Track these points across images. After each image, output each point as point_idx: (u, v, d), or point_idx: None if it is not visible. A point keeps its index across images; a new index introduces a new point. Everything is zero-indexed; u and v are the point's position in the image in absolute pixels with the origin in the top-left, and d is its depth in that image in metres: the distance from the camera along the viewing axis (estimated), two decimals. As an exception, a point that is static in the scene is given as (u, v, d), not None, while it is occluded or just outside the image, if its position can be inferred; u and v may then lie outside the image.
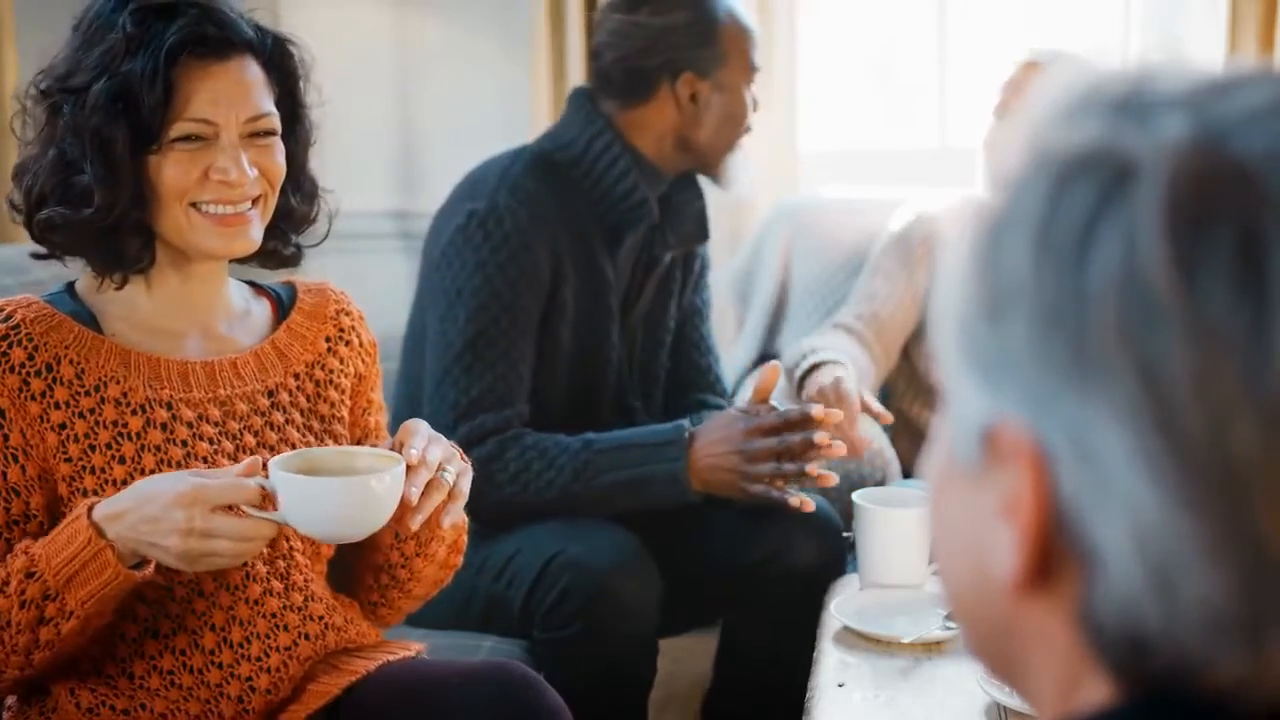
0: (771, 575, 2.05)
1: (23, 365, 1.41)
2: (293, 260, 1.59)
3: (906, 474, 2.44)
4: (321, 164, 1.60)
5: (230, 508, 1.31)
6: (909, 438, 2.52)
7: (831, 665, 1.58)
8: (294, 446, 1.50)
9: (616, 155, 2.10)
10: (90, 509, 1.34)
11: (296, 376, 1.55)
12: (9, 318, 1.43)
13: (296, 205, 1.56)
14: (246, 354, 1.53)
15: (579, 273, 2.10)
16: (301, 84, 1.54)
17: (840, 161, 3.29)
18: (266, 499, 1.33)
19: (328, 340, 1.59)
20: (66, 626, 1.34)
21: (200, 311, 1.53)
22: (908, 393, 2.51)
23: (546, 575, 1.90)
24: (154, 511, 1.31)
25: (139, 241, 1.45)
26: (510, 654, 1.90)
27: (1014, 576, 0.56)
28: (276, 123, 1.49)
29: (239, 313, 1.56)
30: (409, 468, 1.38)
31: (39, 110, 1.45)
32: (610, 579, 1.89)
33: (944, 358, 0.59)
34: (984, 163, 2.35)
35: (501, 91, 3.10)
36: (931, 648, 1.60)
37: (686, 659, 2.75)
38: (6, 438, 1.40)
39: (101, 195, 1.40)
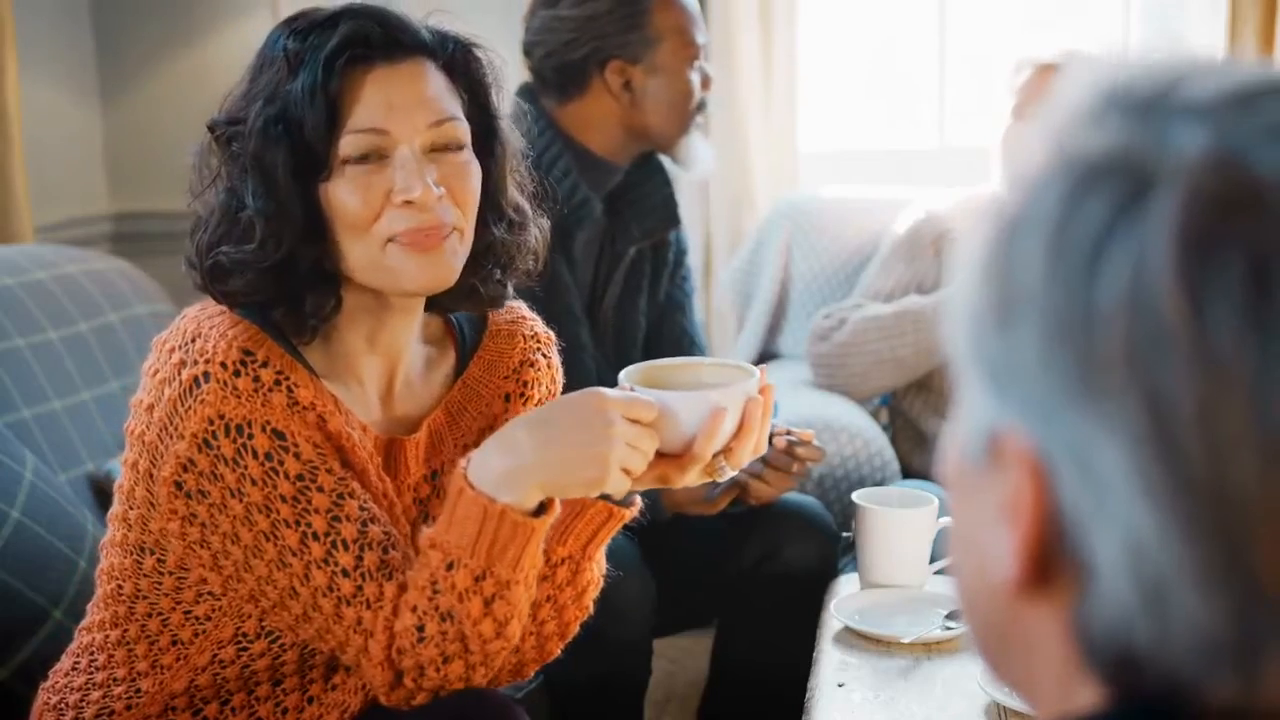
0: (765, 575, 2.05)
1: (313, 403, 1.26)
2: (498, 301, 1.41)
3: (906, 474, 2.43)
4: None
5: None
6: (909, 438, 2.51)
7: (831, 665, 1.57)
8: None
9: (556, 155, 2.06)
10: (467, 478, 1.20)
11: (466, 447, 1.37)
12: (266, 363, 1.24)
13: (500, 236, 1.36)
14: (420, 436, 1.37)
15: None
16: (494, 94, 1.34)
17: (840, 161, 3.29)
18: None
19: (506, 398, 1.43)
20: (514, 594, 1.22)
21: (385, 364, 1.37)
22: (909, 393, 2.51)
23: None
24: (568, 432, 1.18)
25: (322, 291, 1.28)
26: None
27: (1012, 579, 0.56)
28: (465, 132, 1.29)
29: (420, 367, 1.41)
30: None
31: (211, 157, 1.30)
32: (605, 583, 1.88)
33: (956, 355, 0.58)
34: (1000, 162, 2.34)
35: (501, 91, 3.09)
36: (931, 648, 1.60)
37: (685, 659, 2.75)
38: (344, 462, 1.28)
39: (264, 227, 1.24)
